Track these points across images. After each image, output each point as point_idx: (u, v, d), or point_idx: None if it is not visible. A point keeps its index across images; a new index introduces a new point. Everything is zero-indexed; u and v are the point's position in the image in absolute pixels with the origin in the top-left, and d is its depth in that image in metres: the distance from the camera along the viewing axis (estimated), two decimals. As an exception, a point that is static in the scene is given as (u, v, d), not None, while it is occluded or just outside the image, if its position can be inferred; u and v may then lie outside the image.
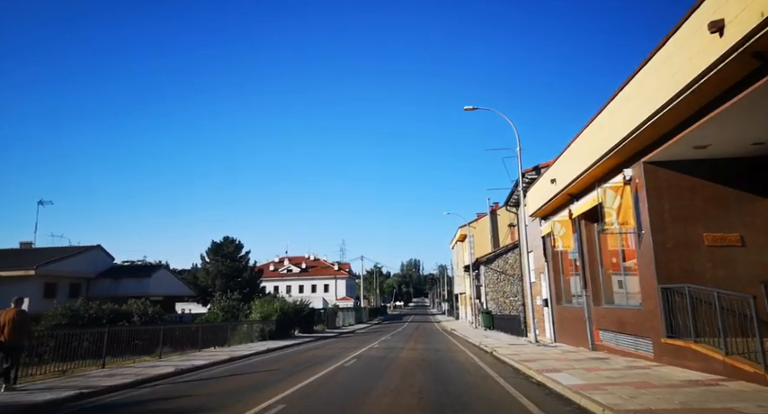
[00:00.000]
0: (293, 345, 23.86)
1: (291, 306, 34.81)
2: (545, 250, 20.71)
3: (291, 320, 32.38)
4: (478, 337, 25.37)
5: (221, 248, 54.54)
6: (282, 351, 20.44)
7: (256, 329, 26.76)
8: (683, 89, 8.25)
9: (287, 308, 31.57)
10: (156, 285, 43.54)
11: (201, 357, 17.15)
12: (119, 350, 15.92)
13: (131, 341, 17.03)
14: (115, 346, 15.56)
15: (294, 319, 33.53)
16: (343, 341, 26.66)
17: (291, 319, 32.42)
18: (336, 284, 78.68)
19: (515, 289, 39.61)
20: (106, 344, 14.78)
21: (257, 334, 26.66)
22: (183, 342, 20.72)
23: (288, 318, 31.52)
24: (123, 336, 16.37)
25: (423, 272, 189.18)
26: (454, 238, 58.31)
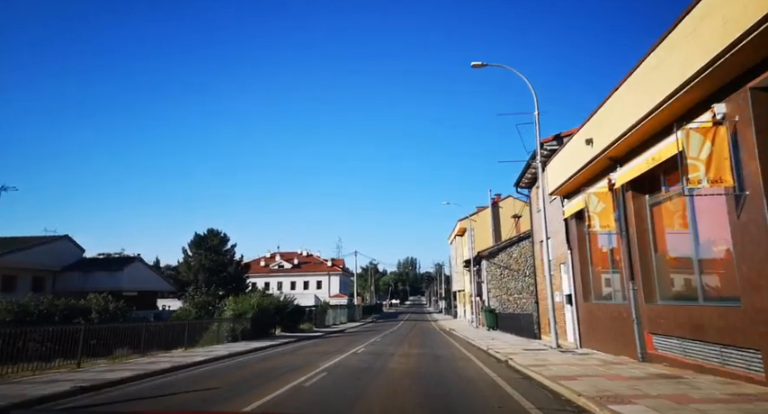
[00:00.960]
0: (266, 347, 19.92)
1: (272, 302, 30.84)
2: (568, 236, 16.81)
3: (272, 318, 28.41)
4: (483, 340, 21.49)
5: (205, 241, 50.43)
6: (246, 356, 16.47)
7: (226, 329, 22.79)
8: None
9: (265, 304, 27.61)
10: (129, 279, 39.56)
11: (135, 366, 13.21)
12: (72, 351, 13.29)
13: (88, 341, 14.15)
14: (64, 347, 13.14)
15: (275, 317, 29.57)
16: (327, 343, 22.73)
17: (272, 317, 28.46)
18: (330, 281, 74.72)
19: (520, 285, 35.77)
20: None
21: (227, 334, 22.70)
22: (149, 342, 17.32)
23: (267, 315, 27.55)
24: (79, 335, 13.44)
25: (419, 270, 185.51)
26: (453, 233, 54.41)
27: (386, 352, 16.68)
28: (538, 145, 16.76)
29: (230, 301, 26.35)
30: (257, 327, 25.83)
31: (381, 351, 17.07)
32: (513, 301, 35.61)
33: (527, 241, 36.08)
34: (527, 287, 35.70)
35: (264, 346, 19.91)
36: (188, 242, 50.11)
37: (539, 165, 16.83)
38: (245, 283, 51.46)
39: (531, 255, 36.40)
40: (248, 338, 23.86)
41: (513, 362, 12.63)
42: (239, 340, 23.13)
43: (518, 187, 21.93)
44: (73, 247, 39.56)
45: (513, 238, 36.79)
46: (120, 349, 16.20)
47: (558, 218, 17.62)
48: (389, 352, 16.72)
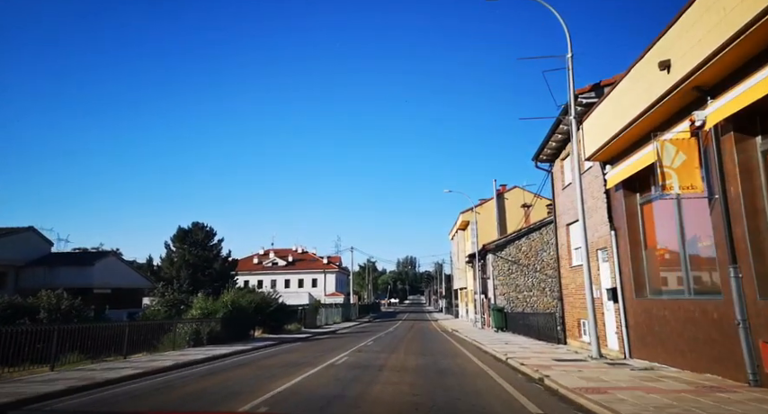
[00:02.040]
0: (227, 355, 15.88)
1: (253, 300, 26.83)
2: (611, 213, 12.81)
3: (250, 319, 24.41)
4: (495, 344, 17.50)
5: (189, 235, 46.40)
6: (181, 372, 12.22)
7: (187, 332, 18.75)
8: None
9: (241, 303, 23.60)
10: (102, 275, 35.56)
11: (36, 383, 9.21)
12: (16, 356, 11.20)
13: (34, 344, 11.82)
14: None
15: (255, 317, 25.58)
16: (306, 348, 18.72)
17: (250, 317, 24.45)
18: (326, 279, 70.62)
19: (530, 281, 31.76)
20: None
21: (189, 338, 18.68)
22: (106, 345, 14.14)
23: (243, 315, 23.54)
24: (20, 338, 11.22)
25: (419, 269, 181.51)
26: (454, 227, 50.39)
27: (374, 363, 12.61)
28: (571, 96, 12.74)
29: (198, 298, 22.34)
30: (231, 328, 21.82)
31: (368, 362, 12.98)
32: (523, 298, 31.61)
33: (537, 233, 32.12)
34: (538, 284, 31.73)
35: (227, 354, 15.85)
36: (171, 236, 46.09)
37: (572, 121, 12.81)
38: (232, 281, 47.43)
39: (542, 248, 32.46)
40: (217, 342, 19.86)
41: (554, 382, 8.63)
42: (204, 344, 19.12)
43: (537, 161, 17.90)
44: (39, 240, 35.55)
45: (522, 229, 32.77)
46: (70, 354, 12.71)
47: (597, 189, 13.62)
48: (378, 363, 12.65)
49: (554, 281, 32.29)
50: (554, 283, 32.10)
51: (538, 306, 31.38)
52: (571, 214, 16.00)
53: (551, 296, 31.52)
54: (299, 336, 26.61)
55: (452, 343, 20.39)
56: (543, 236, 32.09)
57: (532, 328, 21.35)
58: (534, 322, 21.15)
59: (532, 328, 21.39)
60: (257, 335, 25.99)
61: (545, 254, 31.89)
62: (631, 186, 12.03)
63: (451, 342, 20.94)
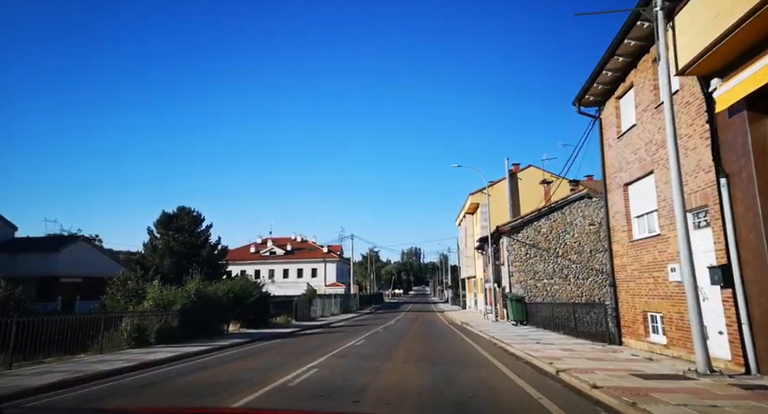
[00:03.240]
0: (150, 364, 11.41)
1: (229, 289, 22.49)
2: (719, 152, 8.23)
3: (221, 311, 20.02)
4: (525, 343, 13.01)
5: (174, 220, 42.13)
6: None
7: (125, 328, 14.35)
8: None
9: (208, 293, 19.24)
10: (69, 263, 31.30)
11: None
12: None
13: None
14: None
15: (230, 309, 21.23)
16: (277, 350, 14.25)
17: (221, 310, 20.07)
18: (326, 269, 66.28)
19: (551, 268, 27.22)
20: None
21: (129, 335, 14.30)
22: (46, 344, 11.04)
23: (213, 307, 19.18)
24: None
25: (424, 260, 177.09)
26: (462, 211, 45.82)
27: (352, 382, 7.97)
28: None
29: (154, 286, 17.92)
30: (194, 323, 17.46)
31: (345, 379, 8.29)
32: (542, 287, 27.10)
33: (559, 213, 27.54)
34: (560, 270, 27.19)
35: (152, 362, 11.35)
36: (154, 221, 41.80)
37: (658, 14, 8.21)
38: (222, 270, 43.16)
39: (564, 230, 27.87)
40: (171, 341, 15.50)
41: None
42: (151, 344, 14.76)
43: (580, 104, 13.23)
44: (1, 223, 31.27)
45: (542, 208, 28.18)
46: None
47: (695, 118, 9.02)
48: (359, 382, 8.01)
49: (579, 267, 27.83)
50: (579, 270, 27.63)
51: (560, 296, 26.90)
52: (633, 169, 11.43)
53: (575, 284, 27.03)
54: (283, 330, 22.23)
55: (466, 342, 15.90)
56: (566, 216, 27.53)
57: (565, 323, 16.86)
58: (567, 315, 16.63)
59: (565, 322, 16.90)
60: (233, 330, 21.65)
61: (568, 236, 27.36)
62: (760, 107, 7.46)
63: (465, 340, 16.46)
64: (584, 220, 27.37)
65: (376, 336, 18.62)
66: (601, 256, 26.98)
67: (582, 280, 27.00)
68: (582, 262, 27.06)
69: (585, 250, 27.10)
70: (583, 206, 27.52)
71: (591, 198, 27.43)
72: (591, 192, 27.49)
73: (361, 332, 20.35)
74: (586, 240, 27.19)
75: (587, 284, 26.92)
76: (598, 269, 26.90)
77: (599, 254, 26.99)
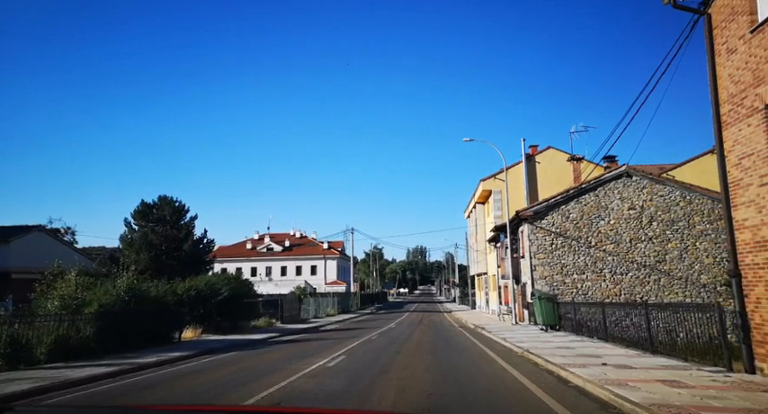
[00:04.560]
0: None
1: (189, 287, 17.92)
2: None
3: (167, 315, 15.32)
4: (589, 367, 8.18)
5: (154, 211, 37.60)
6: None
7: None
8: None
9: (148, 291, 14.58)
10: (22, 256, 26.76)
11: None
12: None
13: None
14: None
15: (184, 311, 16.58)
16: (211, 373, 9.52)
17: (168, 313, 15.39)
18: (326, 266, 61.62)
19: (582, 261, 22.32)
20: None
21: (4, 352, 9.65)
22: None
23: (156, 309, 14.51)
24: None
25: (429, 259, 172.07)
26: (472, 201, 40.93)
27: None
28: None
29: (69, 281, 13.28)
30: (124, 330, 12.81)
31: None
32: (572, 284, 22.21)
33: (592, 195, 22.61)
34: (592, 263, 22.28)
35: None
36: (131, 212, 37.23)
37: None
38: (207, 266, 38.55)
39: (598, 215, 22.93)
40: (78, 356, 10.84)
41: None
42: (40, 363, 10.11)
43: None
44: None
45: (571, 189, 23.27)
46: None
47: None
48: None
49: (616, 259, 22.87)
50: (616, 263, 22.69)
51: (593, 294, 22.03)
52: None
53: (612, 281, 22.11)
54: (254, 337, 17.52)
55: (492, 359, 11.05)
56: (600, 199, 22.63)
57: (624, 331, 12.01)
58: (637, 321, 11.70)
59: (624, 329, 12.04)
60: (190, 336, 16.95)
61: (602, 223, 22.46)
62: None
63: (488, 356, 11.60)
64: (623, 203, 22.47)
65: (366, 347, 13.80)
66: (643, 246, 22.07)
67: (620, 275, 22.10)
68: (620, 253, 22.15)
69: (624, 239, 22.19)
70: (621, 187, 22.61)
71: (631, 177, 22.52)
72: (631, 170, 22.59)
73: (349, 340, 15.55)
74: (625, 227, 22.27)
75: (627, 280, 22.01)
76: (640, 262, 21.98)
77: (641, 244, 22.08)
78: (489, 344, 14.28)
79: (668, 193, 22.24)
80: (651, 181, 22.42)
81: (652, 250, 22.00)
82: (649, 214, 22.22)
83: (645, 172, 22.54)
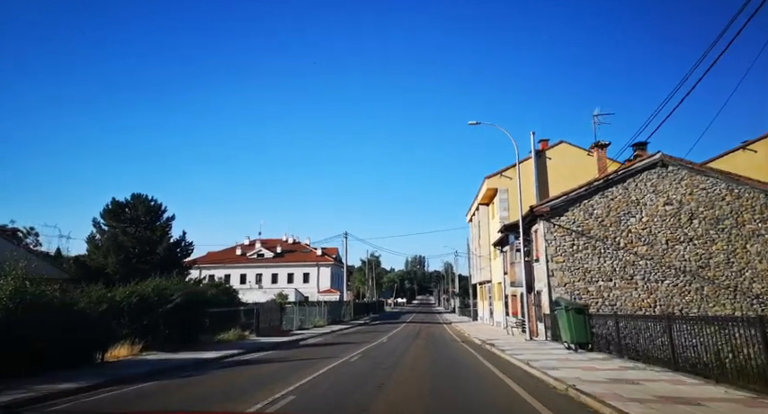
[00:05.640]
0: None
1: (121, 293, 14.26)
2: None
3: (83, 328, 11.52)
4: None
5: (126, 210, 33.89)
6: None
7: None
8: None
9: (39, 298, 10.85)
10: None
11: None
12: None
13: None
14: None
15: (104, 325, 12.77)
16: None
17: (85, 326, 11.60)
18: (319, 273, 57.72)
19: (609, 265, 18.58)
20: None
21: None
22: None
23: (62, 321, 10.74)
24: None
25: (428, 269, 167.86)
26: (475, 203, 37.20)
27: None
28: None
29: None
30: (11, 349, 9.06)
31: None
32: (597, 292, 18.44)
33: (620, 188, 18.94)
34: (621, 268, 18.54)
35: None
36: (101, 211, 33.50)
37: None
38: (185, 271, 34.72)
39: (627, 211, 19.16)
40: None
41: None
42: None
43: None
44: None
45: (595, 181, 19.58)
46: None
47: None
48: None
49: (650, 264, 18.91)
50: (650, 268, 18.73)
51: (622, 304, 18.29)
52: None
53: (645, 289, 18.34)
54: (208, 355, 13.69)
55: (524, 400, 7.26)
56: (630, 192, 18.97)
57: (698, 355, 8.25)
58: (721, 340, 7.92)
59: (698, 354, 8.28)
60: (123, 355, 13.15)
61: (633, 220, 18.77)
62: None
63: (516, 394, 7.78)
64: (657, 197, 18.79)
65: (337, 375, 9.95)
66: (682, 248, 18.35)
67: (654, 282, 18.34)
68: (654, 257, 18.43)
69: (659, 240, 18.49)
70: (654, 178, 18.95)
71: (666, 167, 18.88)
72: (667, 158, 18.93)
73: (321, 362, 11.70)
74: (660, 226, 18.58)
75: (663, 289, 18.25)
76: (678, 267, 18.24)
77: (679, 245, 18.36)
78: (507, 369, 10.49)
79: (712, 186, 18.57)
80: (691, 171, 18.76)
81: (693, 253, 18.26)
82: (689, 210, 18.52)
83: (683, 161, 18.87)
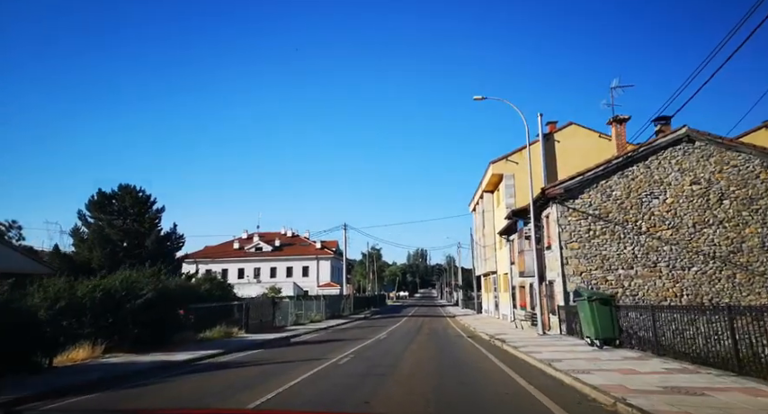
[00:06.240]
0: None
1: (81, 289, 12.45)
2: None
3: (22, 330, 9.68)
4: None
5: (113, 202, 32.09)
6: None
7: None
8: None
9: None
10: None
11: None
12: None
13: None
14: None
15: (50, 325, 10.93)
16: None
17: (24, 328, 9.75)
18: (318, 267, 55.96)
19: (630, 251, 16.69)
20: None
21: None
22: None
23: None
24: None
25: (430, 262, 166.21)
26: (479, 190, 35.28)
27: None
28: None
29: None
30: None
31: None
32: (617, 281, 16.56)
33: (642, 166, 16.99)
34: (643, 254, 16.64)
35: None
36: (86, 202, 31.70)
37: None
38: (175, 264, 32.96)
39: (650, 192, 17.27)
40: None
41: None
42: None
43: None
44: None
45: (613, 160, 17.60)
46: None
47: None
48: None
49: (675, 249, 16.79)
50: (675, 254, 16.68)
51: (645, 294, 16.45)
52: None
53: (670, 277, 16.45)
54: (180, 357, 11.88)
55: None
56: (652, 171, 17.05)
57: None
58: None
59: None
60: (81, 357, 11.34)
61: (656, 202, 16.87)
62: None
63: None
64: (683, 176, 16.87)
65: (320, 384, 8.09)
66: (712, 231, 16.43)
67: (680, 270, 16.45)
68: (680, 242, 16.53)
69: (686, 223, 16.58)
70: (680, 155, 17.02)
71: (693, 142, 16.93)
72: (693, 133, 16.96)
73: (306, 366, 9.84)
74: (687, 208, 16.67)
75: (690, 277, 16.37)
76: (707, 253, 16.34)
77: (708, 229, 16.46)
78: (528, 373, 8.63)
79: (744, 163, 16.62)
80: (720, 147, 16.79)
81: (723, 237, 16.34)
82: (719, 190, 16.60)
83: (712, 136, 16.89)
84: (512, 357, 11.22)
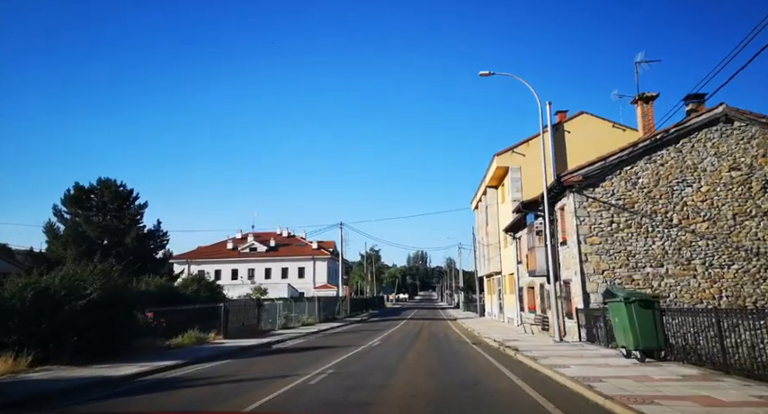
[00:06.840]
0: None
1: (8, 290, 10.05)
2: None
3: None
4: None
5: (91, 197, 29.84)
6: None
7: None
8: None
9: None
10: None
11: None
12: None
13: None
14: None
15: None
16: None
17: None
18: (315, 268, 53.63)
19: (659, 246, 14.45)
20: None
21: None
22: None
23: None
24: None
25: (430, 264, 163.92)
26: (482, 185, 32.98)
27: None
28: None
29: None
30: None
31: None
32: (644, 280, 14.29)
33: (672, 150, 14.69)
34: (676, 250, 14.35)
35: None
36: (61, 197, 29.41)
37: None
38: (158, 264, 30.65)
39: (682, 178, 14.90)
40: None
41: None
42: None
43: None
44: None
45: (639, 143, 15.30)
46: None
47: None
48: None
49: (712, 244, 14.22)
50: (713, 250, 14.31)
51: (678, 296, 14.17)
52: None
53: (706, 276, 14.17)
54: (123, 372, 9.56)
55: None
56: (684, 156, 14.78)
57: None
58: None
59: None
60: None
61: (689, 190, 14.59)
62: None
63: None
64: (720, 161, 14.60)
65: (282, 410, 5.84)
66: (755, 224, 14.16)
67: (719, 268, 14.17)
68: (718, 236, 14.26)
69: (724, 215, 14.31)
70: (716, 137, 14.75)
71: (731, 122, 14.67)
72: (732, 112, 14.69)
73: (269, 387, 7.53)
74: (726, 197, 14.40)
75: (730, 276, 14.09)
76: (750, 249, 14.08)
77: (751, 220, 14.19)
78: (563, 401, 6.32)
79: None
80: (764, 127, 14.53)
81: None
82: (763, 177, 14.34)
83: (754, 115, 14.64)
84: (532, 372, 8.92)
